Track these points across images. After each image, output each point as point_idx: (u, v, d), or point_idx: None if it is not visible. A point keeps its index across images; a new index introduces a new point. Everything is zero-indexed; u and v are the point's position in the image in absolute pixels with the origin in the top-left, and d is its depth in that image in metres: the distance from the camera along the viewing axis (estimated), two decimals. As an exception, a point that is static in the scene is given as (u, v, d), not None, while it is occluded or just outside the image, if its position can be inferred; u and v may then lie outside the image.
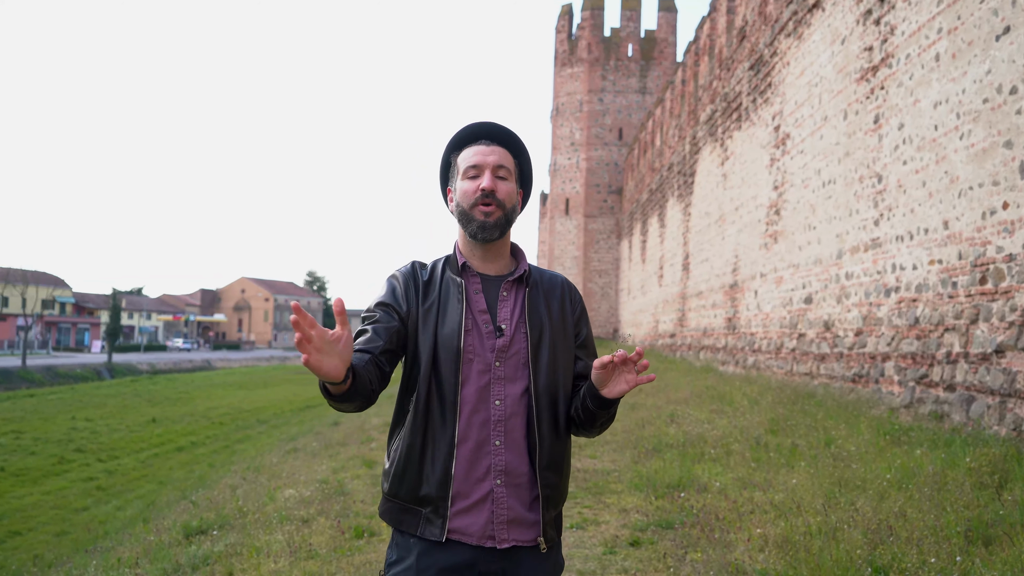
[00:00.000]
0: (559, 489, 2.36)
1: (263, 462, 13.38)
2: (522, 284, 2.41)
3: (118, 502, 19.79)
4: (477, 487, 2.26)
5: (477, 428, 2.28)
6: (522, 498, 2.29)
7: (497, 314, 2.35)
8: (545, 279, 2.48)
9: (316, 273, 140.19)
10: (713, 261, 21.72)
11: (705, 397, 13.45)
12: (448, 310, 2.33)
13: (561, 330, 2.41)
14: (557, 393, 2.36)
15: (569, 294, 2.49)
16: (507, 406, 2.29)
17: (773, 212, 16.23)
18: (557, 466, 2.34)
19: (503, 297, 2.38)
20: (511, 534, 2.26)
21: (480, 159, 2.36)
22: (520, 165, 2.47)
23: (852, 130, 12.25)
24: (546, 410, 2.33)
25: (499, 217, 2.34)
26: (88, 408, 39.39)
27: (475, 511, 2.26)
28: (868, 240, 11.52)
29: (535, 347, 2.34)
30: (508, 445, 2.28)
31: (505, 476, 2.27)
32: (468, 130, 2.44)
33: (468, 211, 2.35)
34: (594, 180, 45.51)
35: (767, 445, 8.49)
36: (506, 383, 2.31)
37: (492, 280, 2.40)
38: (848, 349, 12.02)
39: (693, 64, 25.73)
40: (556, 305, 2.43)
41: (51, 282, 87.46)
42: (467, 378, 2.29)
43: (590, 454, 9.61)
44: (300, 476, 10.07)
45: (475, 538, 2.24)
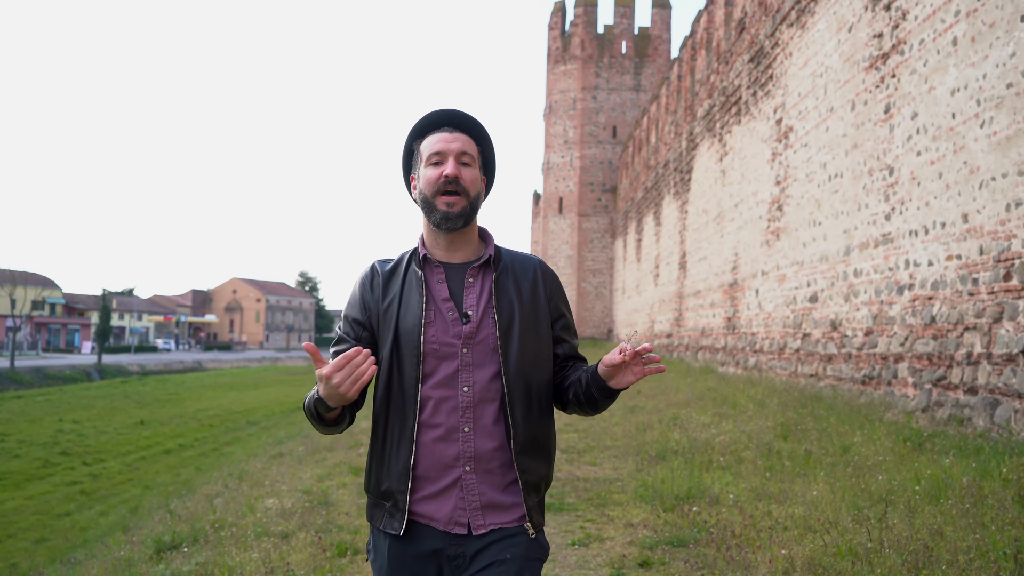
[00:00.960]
0: (538, 473, 2.33)
1: (247, 468, 12.82)
2: (490, 268, 2.38)
3: (101, 507, 19.31)
4: (445, 474, 2.26)
5: (445, 415, 2.27)
6: (495, 483, 2.28)
7: (463, 301, 2.33)
8: (517, 261, 2.43)
9: (308, 273, 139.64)
10: (711, 259, 21.22)
11: (707, 399, 12.94)
12: (409, 304, 2.32)
13: (533, 313, 2.37)
14: (531, 377, 2.33)
15: (543, 275, 2.44)
16: (475, 392, 2.28)
17: (775, 208, 15.73)
18: (535, 449, 2.32)
19: (469, 284, 2.35)
20: (488, 519, 2.26)
21: (443, 146, 2.34)
22: (483, 152, 2.45)
23: (860, 121, 11.76)
24: (520, 395, 2.30)
25: (464, 207, 2.32)
26: (76, 410, 38.89)
27: (442, 497, 2.26)
28: (878, 235, 11.02)
29: (504, 332, 2.31)
30: (477, 431, 2.27)
31: (475, 462, 2.26)
32: (430, 117, 2.42)
33: (431, 199, 2.33)
34: (588, 179, 45.02)
35: (779, 452, 7.97)
36: (474, 369, 2.29)
37: (457, 268, 2.37)
38: (857, 349, 11.52)
39: (690, 59, 25.24)
40: (528, 287, 2.39)
41: (41, 283, 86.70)
42: (433, 369, 2.28)
43: (590, 461, 9.09)
44: (283, 484, 9.53)
45: (441, 524, 2.25)
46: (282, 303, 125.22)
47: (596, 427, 11.54)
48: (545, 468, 2.36)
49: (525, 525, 2.28)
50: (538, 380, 2.35)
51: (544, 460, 2.36)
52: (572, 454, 9.60)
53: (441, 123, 2.41)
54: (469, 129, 2.42)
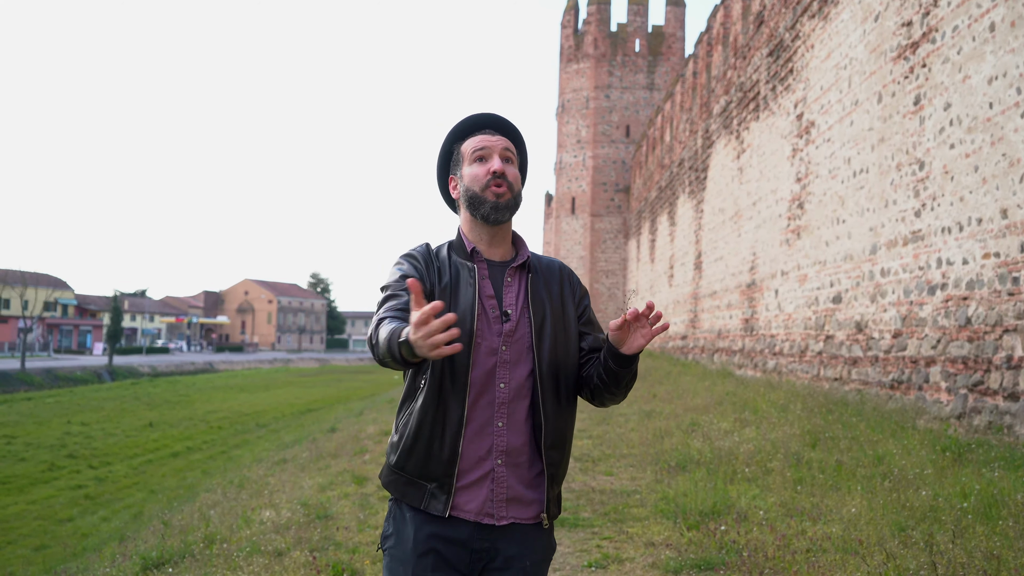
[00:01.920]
0: (561, 467, 2.43)
1: (248, 475, 12.39)
2: (524, 270, 2.47)
3: (105, 512, 19.01)
4: (479, 466, 2.32)
5: (481, 410, 2.33)
6: (522, 477, 2.35)
7: (503, 299, 2.40)
8: (543, 265, 2.52)
9: (320, 275, 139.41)
10: (728, 259, 20.69)
11: (726, 404, 12.43)
12: (460, 293, 2.36)
13: (561, 313, 2.46)
14: (560, 374, 2.41)
15: (568, 277, 2.55)
16: (511, 389, 2.35)
17: (796, 206, 15.20)
18: (560, 444, 2.41)
19: (508, 283, 2.42)
20: (510, 512, 2.33)
21: (488, 144, 2.41)
22: (520, 156, 2.53)
23: (888, 114, 11.24)
24: (550, 391, 2.38)
25: (509, 199, 2.38)
26: (85, 412, 38.69)
27: (475, 488, 2.32)
28: (908, 233, 10.50)
29: (538, 331, 2.39)
30: (510, 426, 2.34)
31: (506, 456, 2.33)
32: (471, 120, 2.50)
33: (480, 193, 2.38)
34: (601, 178, 44.50)
35: (808, 462, 7.46)
36: (511, 367, 2.35)
37: (497, 266, 2.44)
38: (885, 352, 11.00)
39: (705, 55, 24.72)
40: (556, 289, 2.48)
41: (53, 284, 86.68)
42: (475, 361, 2.32)
43: (606, 471, 8.60)
44: (282, 494, 9.09)
45: (472, 515, 2.31)
46: (294, 304, 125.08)
47: (611, 433, 11.06)
48: (566, 461, 2.47)
49: (542, 516, 2.37)
50: (566, 376, 2.43)
51: (567, 454, 2.46)
52: (586, 462, 9.12)
53: (482, 125, 2.49)
54: (508, 133, 2.49)
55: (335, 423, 22.08)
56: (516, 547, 2.34)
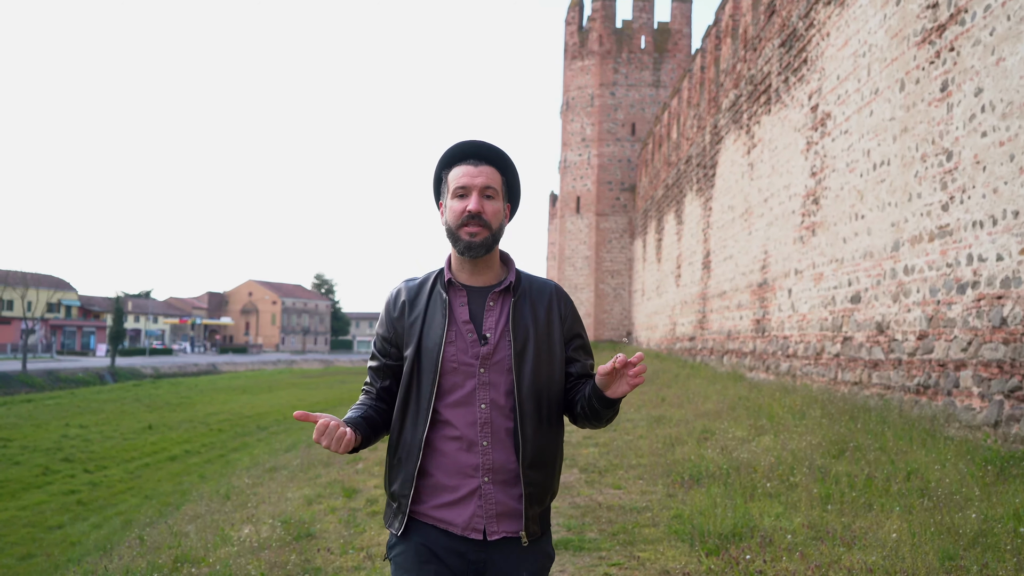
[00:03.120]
0: (543, 486, 2.45)
1: (235, 485, 11.78)
2: (509, 293, 2.52)
3: (96, 519, 18.52)
4: (465, 482, 2.40)
5: (465, 428, 2.42)
6: (510, 494, 2.41)
7: (483, 324, 2.48)
8: (535, 287, 2.56)
9: (324, 276, 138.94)
10: (738, 258, 20.03)
11: (739, 409, 11.79)
12: (432, 324, 2.48)
13: (547, 336, 2.50)
14: (542, 395, 2.46)
15: (558, 300, 2.57)
16: (492, 409, 2.42)
17: (810, 202, 14.55)
18: (542, 464, 2.44)
19: (489, 307, 2.50)
20: (501, 526, 2.40)
21: (468, 180, 2.47)
22: (507, 181, 2.57)
23: (911, 102, 10.59)
24: (531, 412, 2.43)
25: (485, 237, 2.45)
26: (84, 414, 38.27)
27: (462, 505, 2.40)
28: (934, 228, 9.86)
29: (519, 354, 2.45)
30: (495, 445, 2.41)
31: (492, 474, 2.40)
32: (457, 148, 2.55)
33: (455, 231, 2.47)
34: (606, 177, 43.84)
35: (836, 476, 6.81)
36: (491, 388, 2.43)
37: (479, 292, 2.52)
38: (909, 355, 10.35)
39: (713, 48, 24.07)
40: (543, 312, 2.52)
41: (57, 285, 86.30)
42: (453, 385, 2.43)
43: (613, 483, 7.97)
44: (267, 506, 8.48)
45: (459, 529, 2.39)
46: (298, 305, 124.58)
47: (619, 441, 10.43)
48: (549, 481, 2.48)
49: (520, 534, 2.40)
50: (549, 398, 2.47)
51: (550, 474, 2.48)
52: (593, 474, 8.50)
53: (468, 155, 2.52)
54: (494, 161, 2.52)
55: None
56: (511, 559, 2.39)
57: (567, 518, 6.60)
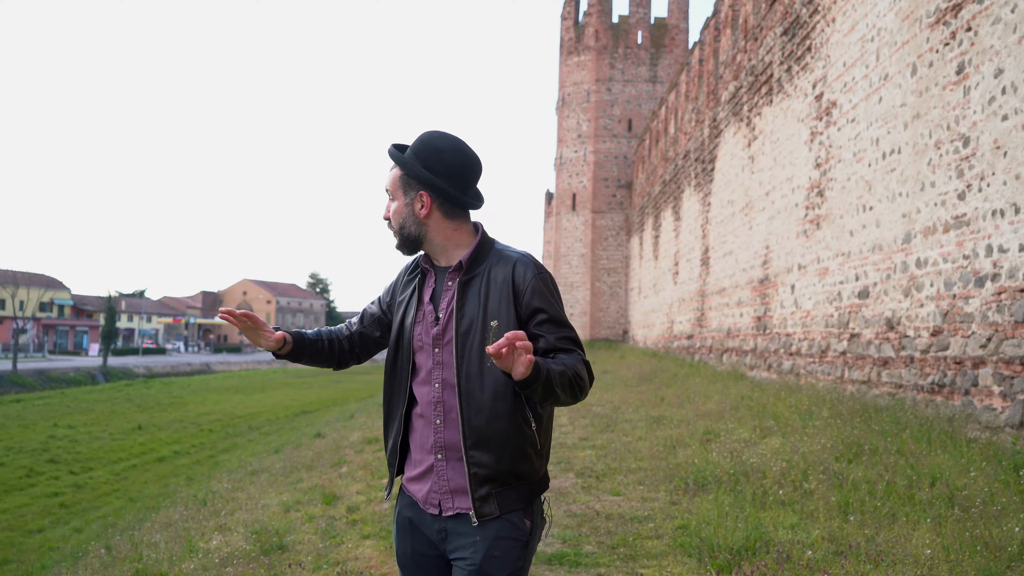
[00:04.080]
0: (495, 467, 2.39)
1: (215, 489, 11.23)
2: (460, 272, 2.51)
3: (78, 522, 17.99)
4: (426, 458, 2.49)
5: (425, 406, 2.49)
6: (460, 471, 2.43)
7: (439, 304, 2.51)
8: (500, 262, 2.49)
9: (319, 275, 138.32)
10: (738, 254, 19.51)
11: (743, 410, 11.27)
12: (410, 303, 2.57)
13: (496, 314, 2.42)
14: (489, 376, 2.40)
15: (516, 275, 2.47)
16: (443, 388, 2.46)
17: (815, 194, 14.03)
18: (487, 445, 2.39)
19: (447, 287, 2.51)
20: (455, 502, 2.44)
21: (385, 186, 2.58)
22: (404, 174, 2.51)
23: (924, 86, 10.07)
24: (474, 392, 2.40)
25: (398, 240, 2.54)
26: (74, 414, 37.74)
27: (422, 480, 2.50)
28: (949, 218, 9.34)
29: (462, 335, 2.43)
30: (447, 424, 2.45)
31: (445, 451, 2.45)
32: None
33: None
34: (602, 174, 43.31)
35: (854, 483, 6.28)
36: (443, 368, 2.46)
37: (442, 271, 2.54)
38: (922, 352, 9.84)
39: (712, 40, 23.55)
40: (496, 290, 2.45)
41: (49, 284, 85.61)
42: (420, 365, 2.52)
43: (612, 489, 7.43)
44: (243, 513, 7.93)
45: (421, 502, 2.49)
46: (293, 304, 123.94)
47: (617, 443, 9.91)
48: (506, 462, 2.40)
49: (470, 514, 2.40)
50: (495, 379, 2.39)
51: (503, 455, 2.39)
52: (590, 478, 7.97)
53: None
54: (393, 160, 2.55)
55: (322, 428, 21.01)
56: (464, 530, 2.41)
57: (562, 528, 6.07)
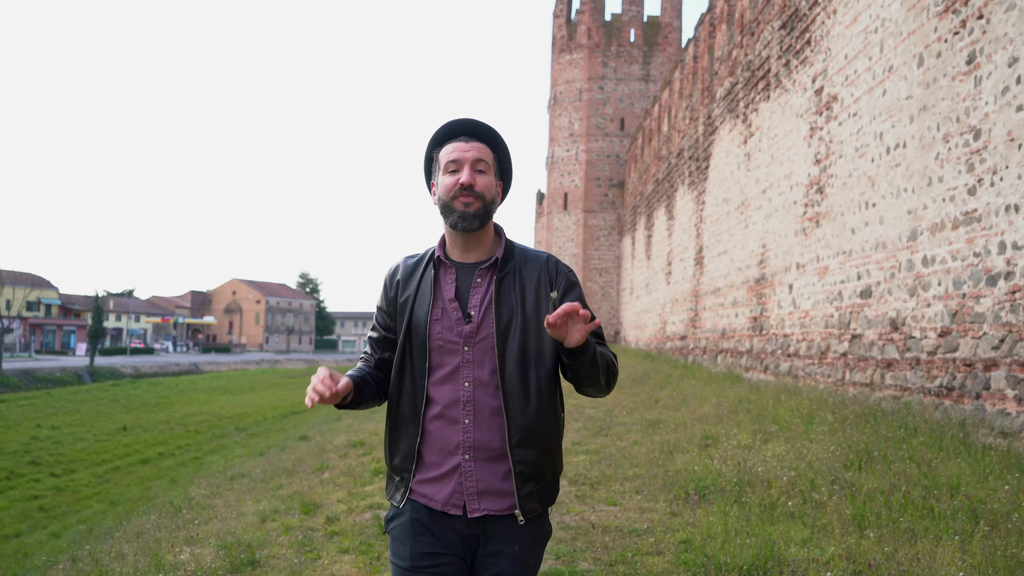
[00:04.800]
0: (536, 464, 2.41)
1: (192, 495, 10.78)
2: (495, 269, 2.48)
3: (56, 527, 17.55)
4: (447, 460, 2.41)
5: (449, 406, 2.42)
6: (494, 472, 2.40)
7: (468, 301, 2.45)
8: (528, 260, 2.51)
9: (309, 275, 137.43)
10: (733, 253, 19.12)
11: (741, 413, 10.87)
12: (421, 302, 2.48)
13: (535, 313, 2.44)
14: (529, 372, 2.42)
15: (548, 271, 2.51)
16: (475, 388, 2.41)
17: (814, 191, 13.65)
18: (531, 442, 2.40)
19: (476, 284, 2.47)
20: (483, 504, 2.39)
21: (459, 155, 2.45)
22: (499, 159, 2.55)
23: (932, 78, 9.69)
24: (517, 391, 2.40)
25: (478, 208, 2.42)
26: (58, 415, 37.22)
27: (443, 481, 2.41)
28: (958, 214, 8.95)
29: (502, 332, 2.41)
30: (477, 424, 2.40)
31: (474, 452, 2.40)
32: (449, 127, 2.52)
33: (449, 203, 2.44)
34: (594, 173, 42.92)
35: (869, 494, 5.87)
36: (475, 366, 2.42)
37: (468, 268, 2.50)
38: (929, 354, 9.45)
39: (707, 36, 23.17)
40: (532, 287, 2.47)
41: (36, 283, 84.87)
42: (439, 363, 2.44)
43: (607, 498, 7.01)
44: (217, 523, 7.49)
45: (439, 504, 2.40)
46: (282, 304, 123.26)
47: (611, 448, 9.49)
48: (546, 458, 2.44)
49: (515, 512, 2.39)
50: (538, 375, 2.43)
51: (544, 451, 2.43)
52: (584, 486, 7.54)
53: (458, 132, 2.51)
54: (485, 138, 2.51)
55: (308, 430, 20.58)
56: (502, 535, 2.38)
57: (556, 542, 5.65)
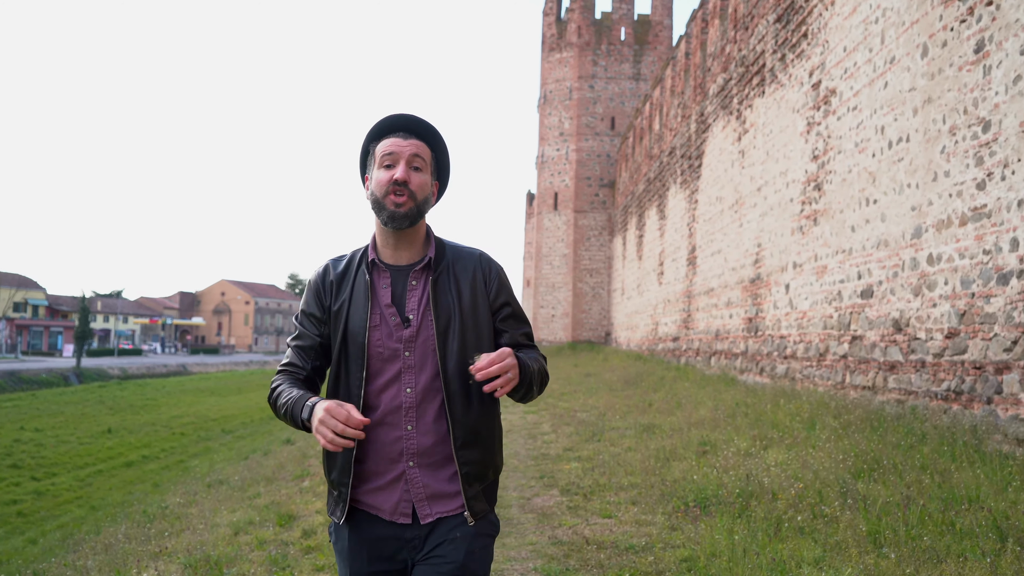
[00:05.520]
0: (481, 464, 2.39)
1: (168, 504, 10.34)
2: (430, 270, 2.43)
3: (33, 533, 17.10)
4: (391, 468, 2.35)
5: (390, 414, 2.35)
6: (439, 476, 2.37)
7: (405, 305, 2.39)
8: (461, 258, 2.48)
9: (298, 275, 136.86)
10: (727, 253, 18.75)
11: (739, 417, 10.49)
12: (357, 307, 2.40)
13: (472, 310, 2.41)
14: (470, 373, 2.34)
15: (483, 270, 2.48)
16: (417, 393, 2.36)
17: (812, 188, 13.28)
18: (475, 443, 2.38)
19: (411, 287, 2.41)
20: (434, 508, 2.35)
21: (396, 149, 2.40)
22: (437, 158, 2.49)
23: (937, 68, 9.33)
24: (459, 392, 2.35)
25: (411, 208, 2.37)
26: (42, 417, 36.70)
27: (388, 490, 2.36)
28: (967, 210, 8.58)
29: (442, 333, 2.36)
30: (420, 429, 2.35)
31: (417, 458, 2.35)
32: (387, 121, 2.48)
33: (381, 200, 2.37)
34: (585, 173, 42.52)
35: (884, 507, 5.46)
36: (416, 371, 2.36)
37: (402, 270, 2.44)
38: (935, 356, 9.08)
39: (700, 32, 22.80)
40: (467, 286, 2.44)
41: (23, 284, 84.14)
42: (378, 370, 2.37)
43: (601, 509, 6.61)
44: (188, 536, 7.07)
45: (387, 514, 2.36)
46: (271, 305, 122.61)
47: (604, 454, 9.09)
48: (488, 457, 2.41)
49: (465, 514, 2.35)
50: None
51: (487, 450, 2.41)
52: (576, 496, 7.14)
53: (397, 128, 2.45)
54: (423, 135, 2.45)
55: (293, 433, 20.17)
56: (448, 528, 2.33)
57: (547, 559, 5.25)
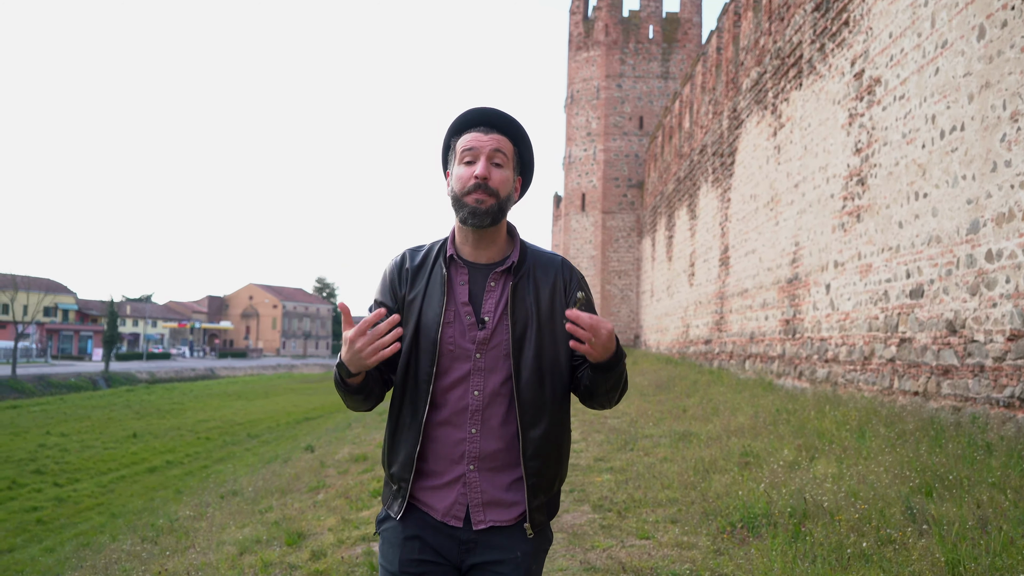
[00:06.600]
0: (548, 475, 2.34)
1: (177, 517, 9.87)
2: (510, 274, 2.37)
3: (51, 541, 16.78)
4: (451, 469, 2.30)
5: (455, 414, 2.30)
6: (498, 482, 2.31)
7: (482, 305, 2.34)
8: (541, 264, 2.42)
9: (325, 279, 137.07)
10: (762, 252, 18.07)
11: (780, 425, 9.85)
12: (432, 301, 2.34)
13: (549, 317, 2.35)
14: (544, 381, 2.32)
15: (563, 277, 2.42)
16: (485, 396, 2.30)
17: (854, 182, 12.60)
18: (545, 455, 2.32)
19: (490, 288, 2.36)
20: (488, 515, 2.29)
21: (476, 145, 2.34)
22: (520, 152, 2.43)
23: (995, 51, 8.66)
24: (530, 401, 2.30)
25: (491, 205, 2.30)
26: (69, 421, 36.62)
27: (444, 491, 2.30)
28: (1031, 202, 7.92)
29: (517, 340, 2.31)
30: (484, 433, 2.30)
31: (479, 462, 2.29)
32: (468, 115, 2.41)
33: (461, 197, 2.32)
34: (612, 173, 41.86)
35: (964, 536, 4.84)
36: (486, 374, 2.30)
37: (481, 269, 2.38)
38: (995, 360, 8.41)
39: (732, 26, 22.14)
40: (547, 292, 2.38)
41: (53, 288, 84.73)
42: (447, 368, 2.30)
43: (637, 529, 6.02)
44: (193, 555, 6.58)
45: (439, 514, 2.29)
46: (299, 309, 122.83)
47: (638, 464, 8.50)
48: (556, 468, 2.36)
49: (525, 525, 2.29)
50: (552, 384, 2.34)
51: (556, 461, 2.36)
52: (609, 513, 6.56)
53: (478, 122, 2.39)
54: (506, 129, 2.38)
55: (315, 439, 19.75)
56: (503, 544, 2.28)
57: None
